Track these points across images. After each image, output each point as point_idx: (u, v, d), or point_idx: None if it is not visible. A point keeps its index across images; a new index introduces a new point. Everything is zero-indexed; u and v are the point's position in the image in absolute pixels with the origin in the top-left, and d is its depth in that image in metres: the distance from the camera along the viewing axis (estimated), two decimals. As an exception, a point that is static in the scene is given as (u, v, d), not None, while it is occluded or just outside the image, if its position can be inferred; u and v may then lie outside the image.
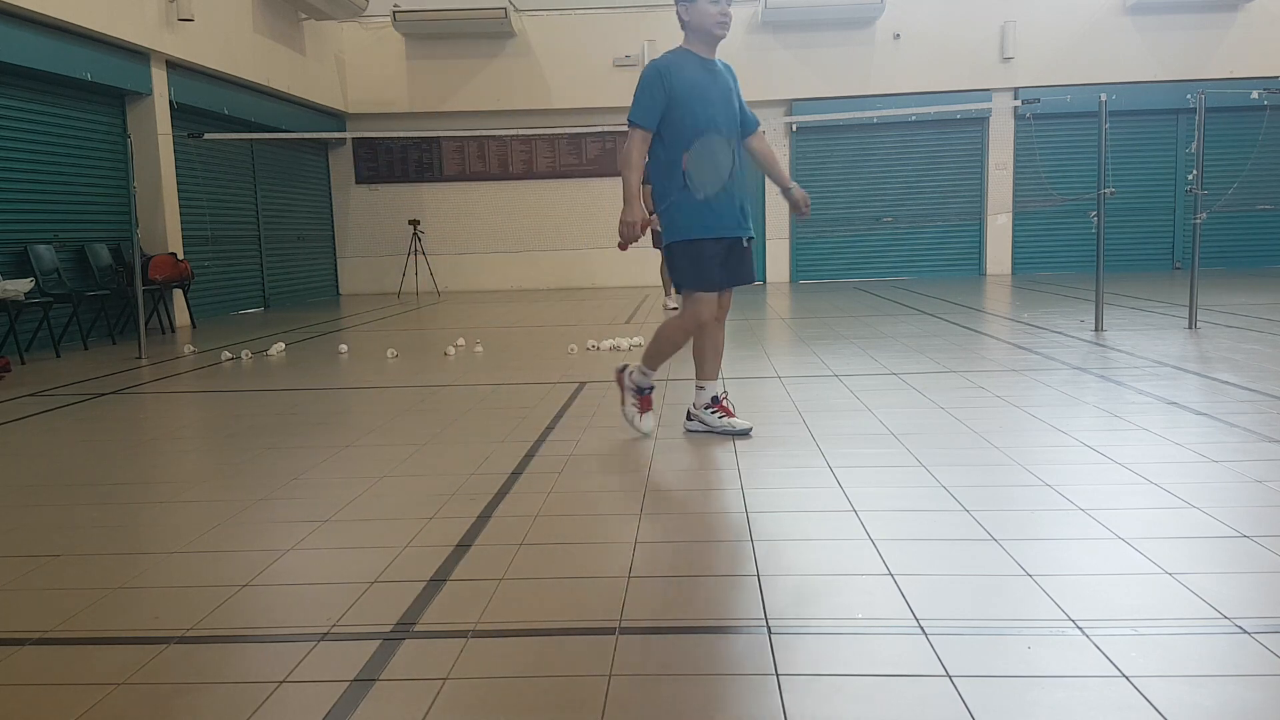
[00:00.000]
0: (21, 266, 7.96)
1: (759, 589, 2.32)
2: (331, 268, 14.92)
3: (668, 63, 3.76)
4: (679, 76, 3.73)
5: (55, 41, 8.21)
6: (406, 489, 3.36)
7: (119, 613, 2.31)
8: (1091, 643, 1.96)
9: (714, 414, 4.02)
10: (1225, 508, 2.83)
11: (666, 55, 3.80)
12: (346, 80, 14.32)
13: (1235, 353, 5.88)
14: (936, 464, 3.44)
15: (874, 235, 14.70)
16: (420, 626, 2.17)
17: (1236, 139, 13.20)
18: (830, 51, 14.06)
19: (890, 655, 1.95)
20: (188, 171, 10.48)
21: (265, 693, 1.87)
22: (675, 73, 3.73)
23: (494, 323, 9.56)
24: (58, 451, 4.20)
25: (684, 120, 3.72)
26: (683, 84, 3.72)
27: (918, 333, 7.46)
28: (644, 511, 2.99)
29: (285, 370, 6.62)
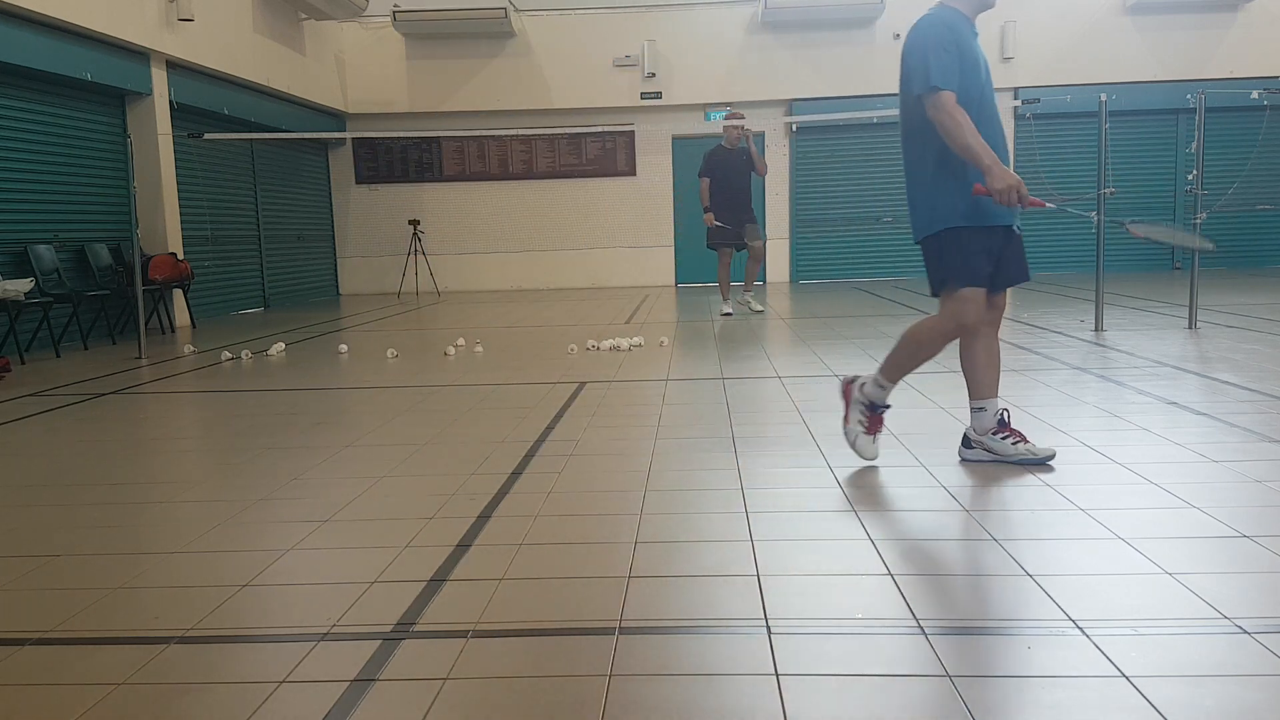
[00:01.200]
0: (21, 266, 7.96)
1: (759, 589, 2.32)
2: (331, 268, 14.92)
3: (946, 20, 3.19)
4: (961, 37, 3.19)
5: (55, 41, 8.21)
6: (406, 489, 3.36)
7: (119, 613, 2.31)
8: (1091, 643, 1.96)
9: (1006, 439, 3.36)
10: (1225, 508, 2.83)
11: (939, 12, 3.22)
12: (346, 80, 14.32)
13: (1235, 353, 5.87)
14: (936, 464, 3.44)
15: (874, 235, 14.69)
16: (420, 626, 2.17)
17: (1236, 139, 13.20)
18: (830, 51, 14.06)
19: (890, 655, 1.95)
20: (188, 171, 10.48)
21: (265, 693, 1.87)
22: (959, 32, 3.19)
23: (494, 323, 9.56)
24: (58, 451, 4.20)
25: (964, 89, 3.16)
26: (964, 47, 3.18)
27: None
28: (644, 511, 2.99)
29: (285, 370, 6.62)
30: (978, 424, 3.43)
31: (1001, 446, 3.39)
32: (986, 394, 3.40)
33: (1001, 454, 3.40)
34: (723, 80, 14.13)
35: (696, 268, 14.81)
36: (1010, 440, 3.39)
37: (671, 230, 14.78)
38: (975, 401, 3.43)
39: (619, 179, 14.69)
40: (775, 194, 14.57)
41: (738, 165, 9.69)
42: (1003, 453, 3.39)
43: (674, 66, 14.10)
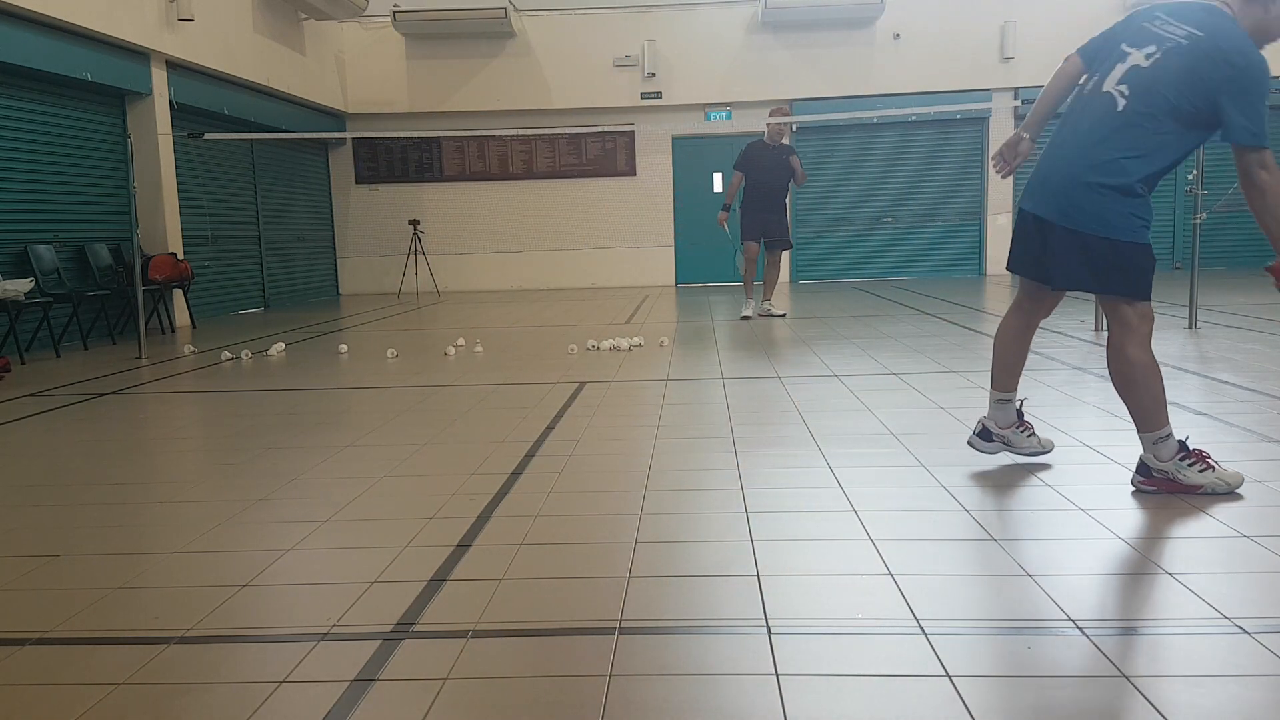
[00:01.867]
0: (21, 266, 7.96)
1: (759, 589, 2.32)
2: (331, 268, 14.92)
3: None
4: None
5: (55, 41, 8.21)
6: (406, 489, 3.36)
7: (119, 613, 2.31)
8: (1091, 643, 1.96)
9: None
10: (1226, 508, 2.83)
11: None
12: (346, 80, 14.32)
13: (1235, 353, 5.88)
14: (936, 464, 3.44)
15: (874, 235, 14.70)
16: (420, 626, 2.17)
17: (1236, 139, 13.18)
18: (830, 51, 14.06)
19: (890, 655, 1.95)
20: (188, 171, 10.48)
21: (265, 693, 1.87)
22: None
23: (494, 323, 9.56)
24: (58, 451, 4.20)
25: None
26: None
27: (918, 333, 7.46)
28: (644, 511, 2.99)
29: (285, 370, 6.62)
30: (1001, 418, 3.38)
31: (1018, 440, 3.40)
32: (1011, 386, 3.37)
33: (1017, 447, 3.40)
34: (723, 80, 14.13)
35: (696, 268, 14.82)
36: (1025, 433, 3.41)
37: (671, 230, 14.79)
38: (1002, 394, 3.35)
39: (619, 179, 14.69)
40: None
41: (775, 163, 9.23)
42: (1018, 446, 3.40)
43: (674, 66, 14.10)
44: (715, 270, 14.79)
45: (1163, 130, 2.86)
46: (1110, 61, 3.00)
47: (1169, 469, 3.00)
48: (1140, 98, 2.89)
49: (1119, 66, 2.96)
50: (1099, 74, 3.02)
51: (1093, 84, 3.03)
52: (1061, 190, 2.98)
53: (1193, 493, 2.97)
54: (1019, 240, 3.23)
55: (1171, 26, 2.92)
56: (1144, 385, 2.97)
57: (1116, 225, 2.91)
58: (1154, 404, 2.98)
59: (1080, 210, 2.94)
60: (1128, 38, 3.00)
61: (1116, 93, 2.93)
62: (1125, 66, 2.95)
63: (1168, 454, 2.99)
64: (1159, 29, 2.94)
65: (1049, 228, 3.03)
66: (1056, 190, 3.00)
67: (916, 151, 14.49)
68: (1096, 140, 2.93)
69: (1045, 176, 3.06)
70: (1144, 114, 2.87)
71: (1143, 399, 2.99)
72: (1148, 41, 2.93)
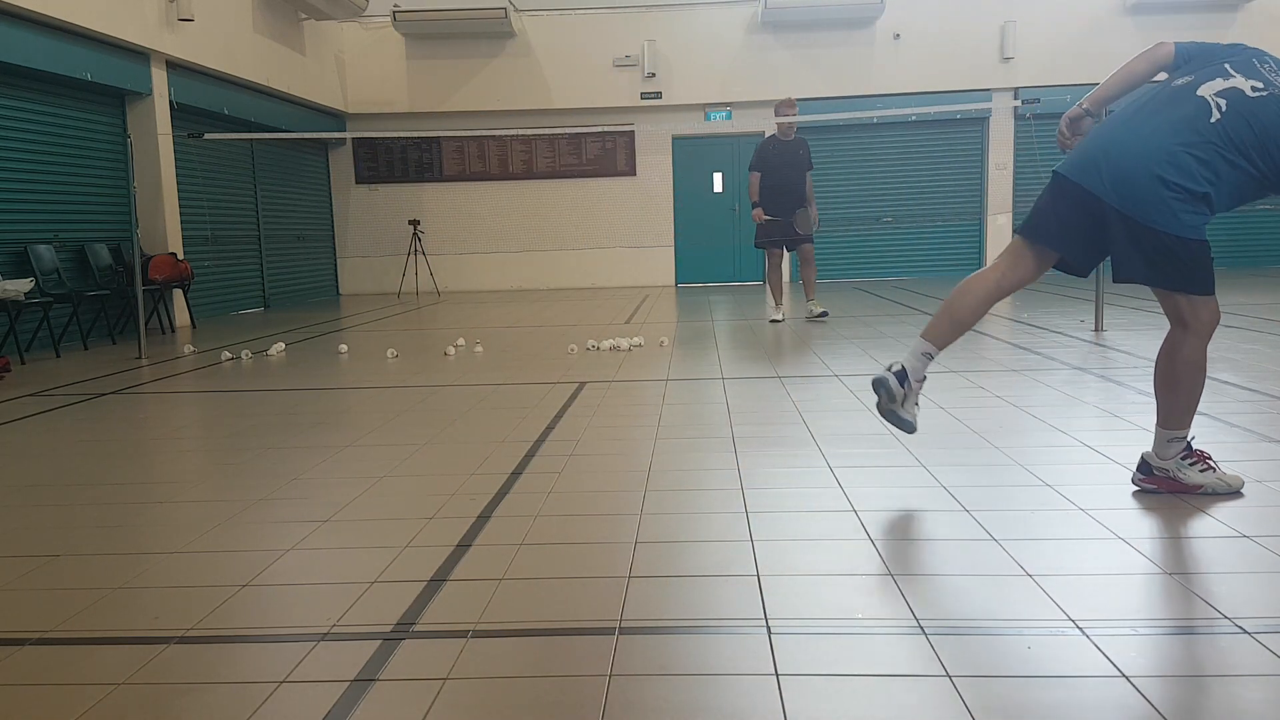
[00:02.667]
0: (21, 266, 7.96)
1: (759, 589, 2.32)
2: (331, 268, 14.92)
3: None
4: None
5: (55, 41, 8.21)
6: (406, 489, 3.36)
7: (119, 613, 2.31)
8: (1091, 643, 1.96)
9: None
10: (1225, 508, 2.83)
11: None
12: (346, 80, 14.32)
13: (1235, 353, 5.87)
14: (936, 464, 3.44)
15: (874, 235, 14.70)
16: (420, 626, 2.17)
17: (1236, 139, 13.19)
18: (830, 51, 14.06)
19: (890, 655, 1.95)
20: (188, 171, 10.48)
21: (265, 693, 1.87)
22: None
23: (494, 323, 9.56)
24: (58, 451, 4.20)
25: None
26: None
27: (918, 333, 7.45)
28: (644, 511, 2.99)
29: (285, 370, 6.62)
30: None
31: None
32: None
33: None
34: (723, 80, 14.14)
35: (696, 268, 14.83)
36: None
37: (671, 230, 14.79)
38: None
39: (619, 179, 14.69)
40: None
41: (791, 159, 8.85)
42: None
43: (674, 66, 14.11)
44: (715, 270, 14.80)
45: (1238, 165, 2.78)
46: (1211, 72, 2.88)
47: (1170, 467, 2.97)
48: (1234, 120, 2.79)
49: (1219, 80, 2.85)
50: (1195, 76, 2.90)
51: (1185, 82, 2.89)
52: (1129, 175, 2.83)
53: (1192, 493, 2.94)
54: (1053, 212, 3.02)
55: (1278, 75, 2.85)
56: (1187, 388, 2.91)
57: (1172, 220, 2.79)
58: (1188, 406, 2.93)
59: (1139, 200, 2.82)
60: (1234, 63, 2.89)
61: (1213, 102, 2.82)
62: (1227, 84, 2.84)
63: (1172, 453, 2.96)
64: (1269, 73, 2.86)
65: (1104, 208, 2.90)
66: (1124, 174, 2.84)
67: (916, 151, 14.49)
68: (1180, 140, 2.80)
69: (1112, 156, 2.88)
70: (1231, 140, 2.78)
71: (1179, 400, 2.93)
72: (1255, 76, 2.84)
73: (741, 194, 14.56)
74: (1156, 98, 2.95)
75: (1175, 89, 2.92)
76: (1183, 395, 2.92)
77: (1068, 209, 3.00)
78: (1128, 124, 2.92)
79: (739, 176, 14.58)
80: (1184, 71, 2.97)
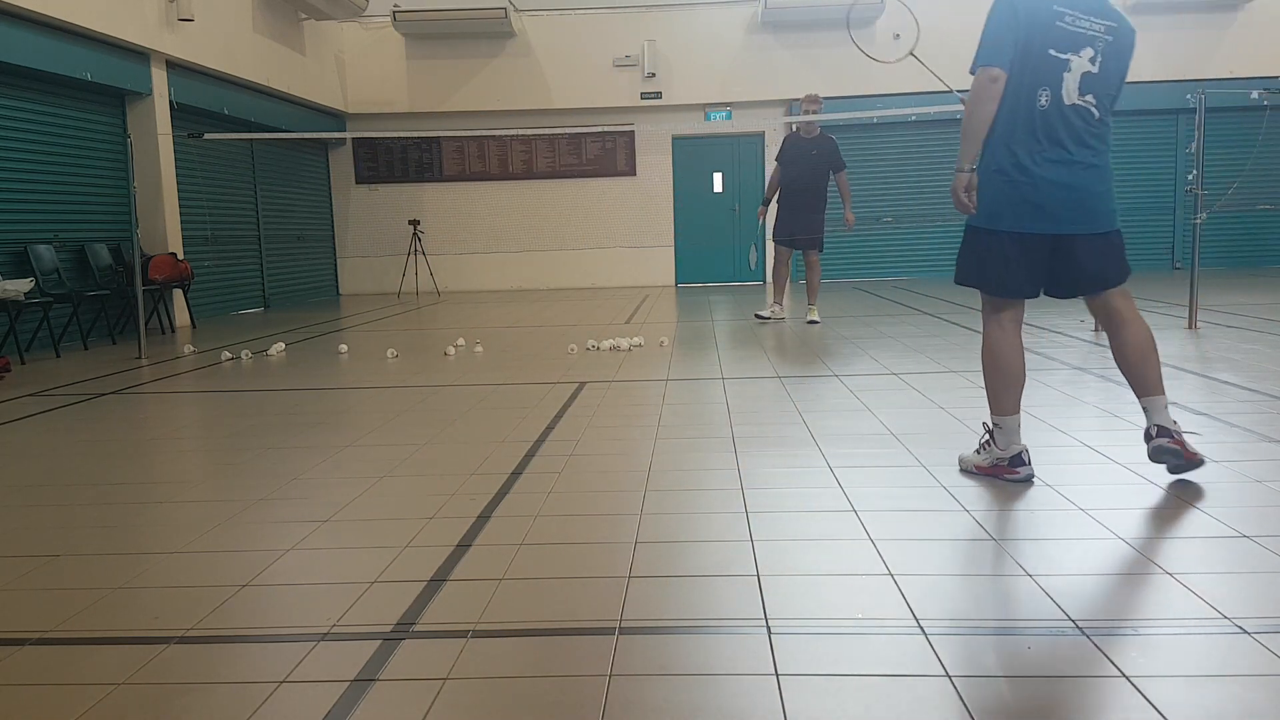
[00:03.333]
0: (21, 266, 7.95)
1: (759, 589, 2.32)
2: (331, 268, 14.92)
3: None
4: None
5: (55, 41, 8.21)
6: (406, 489, 3.36)
7: (119, 613, 2.31)
8: (1091, 643, 1.96)
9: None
10: (1225, 508, 2.83)
11: None
12: (346, 80, 14.32)
13: (1235, 353, 5.87)
14: (936, 464, 3.44)
15: (874, 235, 14.69)
16: (420, 626, 2.17)
17: (1236, 139, 13.18)
18: (830, 51, 14.05)
19: (890, 655, 1.95)
20: (188, 171, 10.48)
21: (265, 693, 1.87)
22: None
23: (494, 323, 9.56)
24: (58, 451, 4.20)
25: None
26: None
27: (918, 333, 7.46)
28: (644, 511, 2.99)
29: (285, 370, 6.62)
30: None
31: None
32: (1009, 409, 3.24)
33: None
34: (723, 80, 14.13)
35: (696, 268, 14.83)
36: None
37: (671, 230, 14.79)
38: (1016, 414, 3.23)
39: (619, 179, 14.69)
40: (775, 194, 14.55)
41: (811, 160, 8.52)
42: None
43: (674, 66, 14.11)
44: (715, 270, 14.80)
45: (1111, 121, 3.12)
46: (1054, 71, 3.00)
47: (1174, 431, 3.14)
48: (1104, 103, 3.08)
49: (1067, 76, 3.00)
50: (1048, 87, 3.00)
51: (1050, 98, 3.01)
52: (1096, 202, 3.08)
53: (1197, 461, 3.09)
54: (1023, 265, 3.11)
55: (1090, 22, 3.00)
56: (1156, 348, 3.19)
57: (1116, 215, 3.16)
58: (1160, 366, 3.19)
59: (1103, 213, 3.12)
60: (1051, 42, 2.98)
61: (1086, 104, 3.03)
62: (1075, 76, 3.00)
63: (1170, 416, 3.17)
64: (1079, 27, 2.99)
65: (1071, 241, 3.09)
66: (1095, 207, 3.08)
67: (916, 151, 14.49)
68: (1098, 151, 3.08)
69: (1077, 198, 3.04)
70: (1108, 117, 3.11)
71: (1157, 360, 3.19)
72: (1080, 44, 3.00)
73: (742, 194, 14.57)
74: (1047, 125, 3.03)
75: (1047, 109, 3.03)
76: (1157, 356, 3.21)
77: (1036, 259, 3.13)
78: (1058, 161, 3.03)
79: (739, 176, 14.59)
80: (1030, 85, 3.02)
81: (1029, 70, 3.01)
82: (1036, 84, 3.01)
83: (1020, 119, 3.04)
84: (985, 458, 3.25)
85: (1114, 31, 3.04)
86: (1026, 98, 3.02)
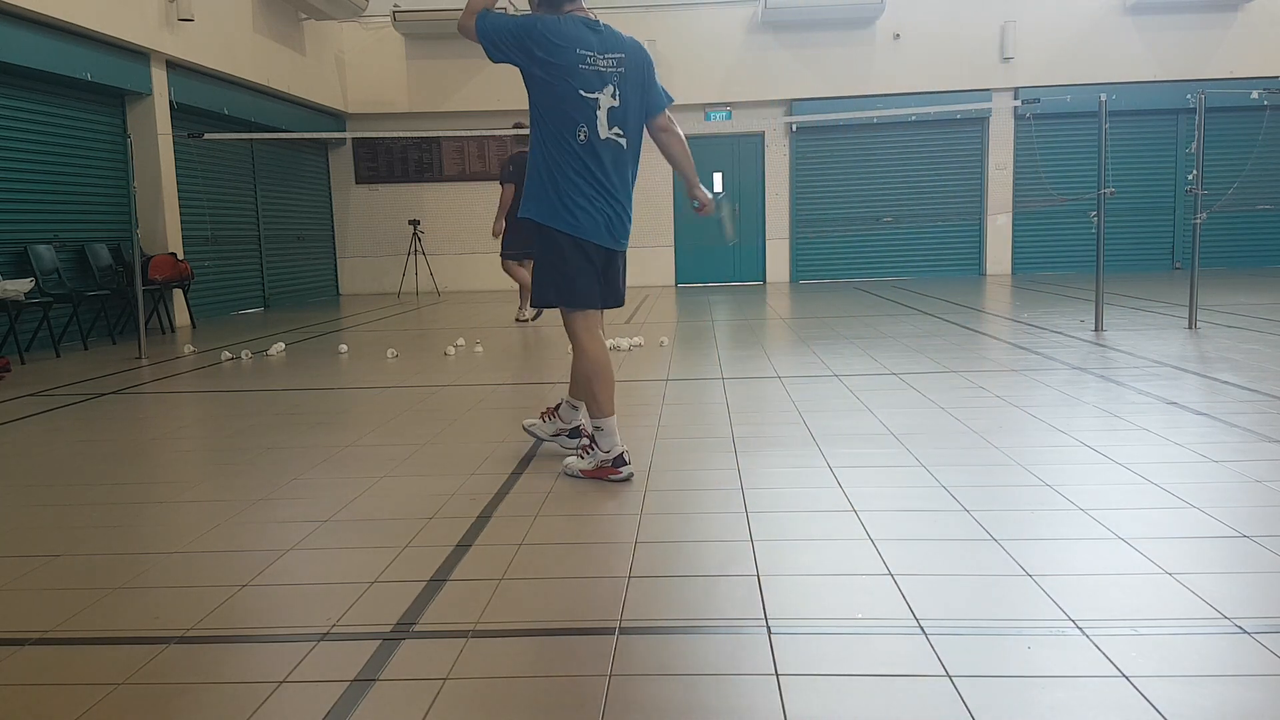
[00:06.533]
0: (21, 266, 7.95)
1: (759, 589, 2.32)
2: (331, 268, 14.92)
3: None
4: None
5: (55, 41, 8.21)
6: (406, 489, 3.36)
7: (119, 613, 2.31)
8: (1091, 643, 1.96)
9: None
10: (1225, 508, 2.83)
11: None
12: (346, 80, 14.32)
13: (1235, 353, 5.88)
14: (936, 464, 3.44)
15: (874, 235, 14.69)
16: (420, 626, 2.17)
17: (1236, 139, 13.20)
18: (830, 51, 14.06)
19: (890, 655, 1.95)
20: (188, 171, 10.48)
21: (265, 693, 1.87)
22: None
23: (494, 323, 9.56)
24: (58, 451, 4.20)
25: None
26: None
27: (918, 333, 7.46)
28: (644, 511, 2.99)
29: (285, 370, 6.62)
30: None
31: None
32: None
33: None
34: (723, 80, 14.13)
35: (696, 268, 14.82)
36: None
37: (671, 230, 14.78)
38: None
39: (619, 179, 14.66)
40: (775, 194, 14.57)
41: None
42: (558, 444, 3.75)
43: (674, 66, 14.10)
44: (715, 270, 14.80)
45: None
46: (587, 111, 3.34)
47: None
48: (634, 134, 3.47)
49: (599, 114, 3.33)
50: (585, 124, 3.34)
51: (587, 134, 3.35)
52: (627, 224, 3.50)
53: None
54: (592, 273, 3.41)
55: (605, 60, 3.33)
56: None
57: None
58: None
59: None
60: (580, 83, 3.31)
61: (614, 137, 3.38)
62: (604, 112, 3.34)
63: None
64: (599, 67, 3.32)
65: (618, 256, 3.49)
66: (626, 227, 3.50)
67: (916, 151, 14.49)
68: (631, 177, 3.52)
69: (622, 217, 3.45)
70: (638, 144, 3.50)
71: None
72: (603, 83, 3.33)
73: (742, 193, 14.56)
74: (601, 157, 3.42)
75: (593, 143, 3.40)
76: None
77: (598, 267, 3.45)
78: (608, 189, 3.44)
79: (739, 176, 14.58)
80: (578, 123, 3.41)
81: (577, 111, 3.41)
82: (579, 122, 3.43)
83: None
84: (589, 461, 3.41)
85: (623, 61, 3.35)
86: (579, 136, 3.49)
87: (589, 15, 3.35)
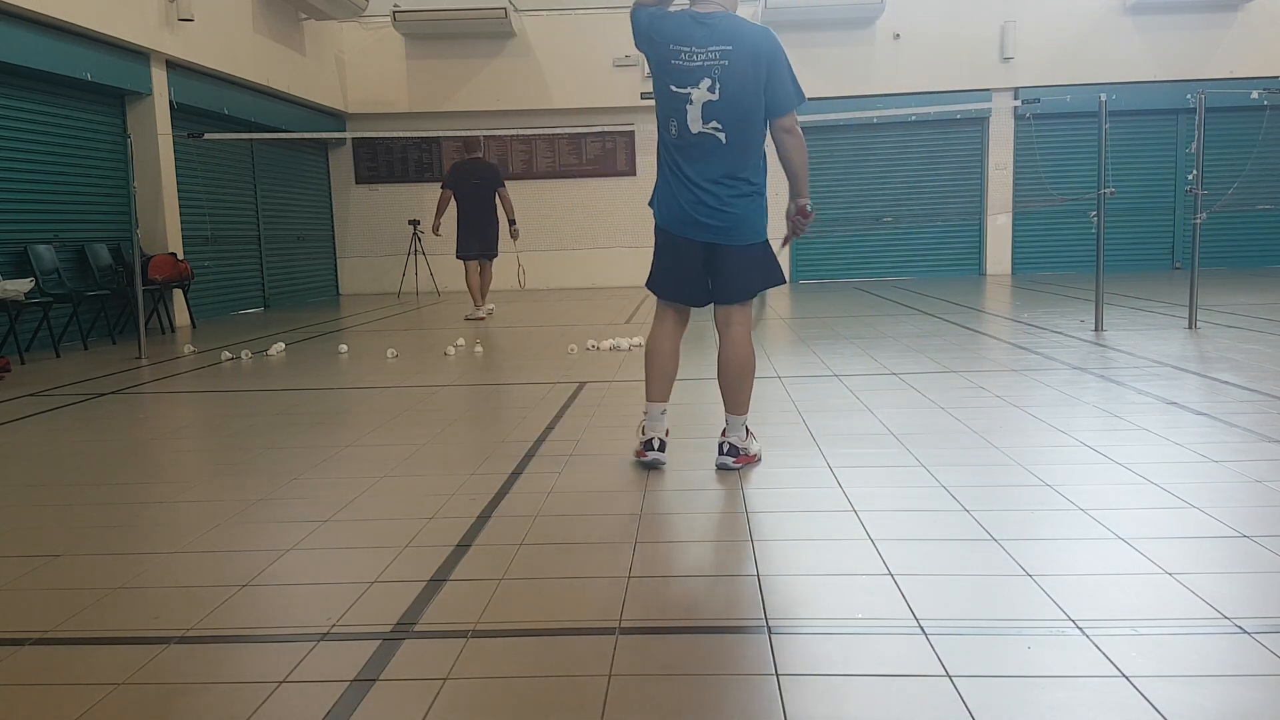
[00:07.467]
0: (21, 266, 7.95)
1: (759, 589, 2.32)
2: (331, 268, 14.91)
3: None
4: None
5: (55, 41, 8.21)
6: (406, 489, 3.36)
7: (119, 613, 2.31)
8: (1091, 643, 1.96)
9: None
10: (1225, 508, 2.83)
11: None
12: (346, 80, 14.31)
13: (1235, 353, 5.87)
14: (936, 464, 3.44)
15: (874, 235, 14.69)
16: (420, 626, 2.17)
17: (1236, 139, 13.19)
18: (830, 51, 14.05)
19: (890, 655, 1.95)
20: (188, 171, 10.48)
21: (265, 693, 1.87)
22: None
23: (494, 323, 9.56)
24: (58, 451, 4.20)
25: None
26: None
27: (918, 333, 7.46)
28: (644, 512, 2.99)
29: (285, 370, 6.61)
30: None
31: None
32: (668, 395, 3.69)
33: None
34: (723, 80, 14.11)
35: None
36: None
37: (671, 230, 14.76)
38: (663, 403, 3.69)
39: (619, 179, 14.69)
40: (775, 194, 14.52)
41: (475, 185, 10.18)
42: None
43: (674, 66, 14.09)
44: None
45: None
46: (677, 105, 3.29)
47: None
48: (736, 129, 3.32)
49: (689, 108, 3.27)
50: (675, 118, 3.32)
51: (677, 128, 3.32)
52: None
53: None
54: (675, 264, 3.53)
55: (704, 54, 3.23)
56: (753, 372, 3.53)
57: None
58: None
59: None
60: (671, 78, 3.28)
61: (711, 131, 3.30)
62: (696, 107, 3.27)
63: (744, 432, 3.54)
64: (695, 62, 3.23)
65: (727, 252, 3.47)
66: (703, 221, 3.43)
67: (916, 151, 14.49)
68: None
69: (699, 209, 3.40)
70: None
71: (750, 385, 3.52)
72: (698, 78, 3.24)
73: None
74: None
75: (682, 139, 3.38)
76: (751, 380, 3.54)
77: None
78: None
79: (739, 176, 14.55)
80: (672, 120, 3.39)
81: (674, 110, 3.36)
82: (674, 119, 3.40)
83: None
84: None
85: (727, 54, 3.23)
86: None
87: (706, 9, 3.25)
